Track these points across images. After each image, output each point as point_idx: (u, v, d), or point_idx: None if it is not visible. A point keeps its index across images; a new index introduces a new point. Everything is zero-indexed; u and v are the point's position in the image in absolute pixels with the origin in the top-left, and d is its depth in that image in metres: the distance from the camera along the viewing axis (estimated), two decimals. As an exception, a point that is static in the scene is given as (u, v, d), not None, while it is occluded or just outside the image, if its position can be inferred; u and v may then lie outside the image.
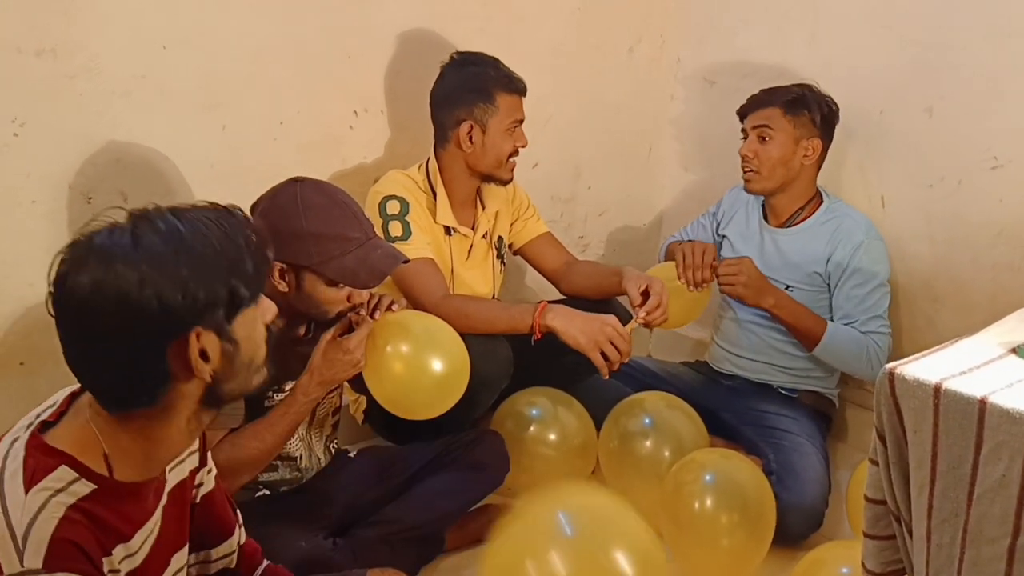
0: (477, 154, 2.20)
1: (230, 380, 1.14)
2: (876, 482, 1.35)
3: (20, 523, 1.01)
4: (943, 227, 2.41)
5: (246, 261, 1.11)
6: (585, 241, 3.00)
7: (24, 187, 1.91)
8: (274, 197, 1.70)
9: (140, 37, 1.99)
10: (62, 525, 1.02)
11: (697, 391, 2.47)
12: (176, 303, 1.04)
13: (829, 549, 1.84)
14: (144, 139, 2.04)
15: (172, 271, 1.04)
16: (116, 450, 1.10)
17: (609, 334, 2.00)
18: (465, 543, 2.08)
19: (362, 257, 1.70)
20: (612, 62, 2.87)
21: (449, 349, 1.80)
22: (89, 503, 1.06)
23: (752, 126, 2.35)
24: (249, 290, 1.12)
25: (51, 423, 1.12)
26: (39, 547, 1.00)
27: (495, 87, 2.16)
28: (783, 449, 2.23)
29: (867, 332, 2.28)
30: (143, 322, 1.03)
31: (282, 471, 1.85)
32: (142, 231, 1.06)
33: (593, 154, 2.94)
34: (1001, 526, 1.18)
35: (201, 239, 1.07)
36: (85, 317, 1.04)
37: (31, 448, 1.07)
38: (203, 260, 1.06)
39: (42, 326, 1.98)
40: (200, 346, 1.08)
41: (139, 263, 1.03)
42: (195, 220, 1.09)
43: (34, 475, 1.04)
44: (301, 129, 2.28)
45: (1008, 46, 2.21)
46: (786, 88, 2.35)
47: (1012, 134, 2.24)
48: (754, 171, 2.35)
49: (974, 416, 1.19)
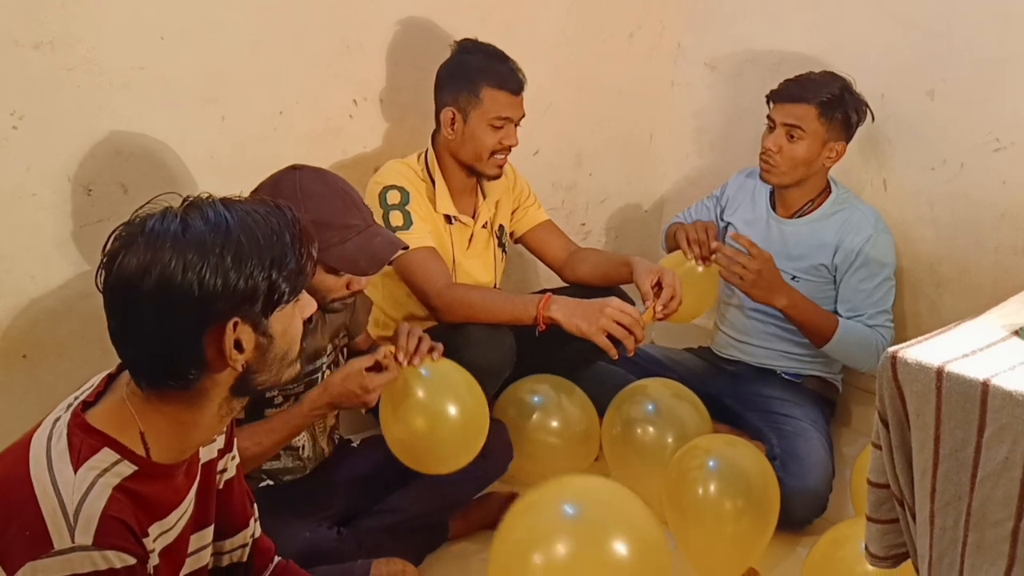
0: (457, 143, 2.18)
1: (262, 372, 1.17)
2: (879, 466, 1.35)
3: (71, 501, 1.04)
4: (946, 210, 2.41)
5: (289, 257, 1.13)
6: (587, 228, 3.00)
7: (24, 180, 1.91)
8: (274, 185, 1.70)
9: (138, 28, 1.98)
10: (111, 504, 1.06)
11: (700, 377, 2.47)
12: (216, 291, 1.07)
13: (851, 525, 1.79)
14: (144, 131, 2.04)
15: (215, 260, 1.07)
16: (151, 431, 1.13)
17: (611, 315, 1.98)
18: (469, 531, 2.09)
19: (362, 244, 1.70)
20: (612, 49, 2.86)
21: (469, 412, 1.80)
22: (132, 483, 1.10)
23: (783, 122, 2.27)
24: (289, 286, 1.14)
25: (90, 403, 1.15)
26: (89, 524, 1.03)
27: (483, 80, 2.13)
28: (786, 434, 2.24)
29: (874, 326, 2.28)
30: (183, 306, 1.07)
31: (284, 460, 1.86)
32: (192, 218, 1.10)
33: (594, 141, 2.93)
34: (1004, 509, 1.18)
35: (247, 231, 1.10)
36: (129, 295, 1.08)
37: (74, 427, 1.10)
38: (246, 252, 1.09)
39: (45, 319, 2.00)
40: (236, 336, 1.11)
41: (185, 249, 1.07)
42: (243, 212, 1.12)
43: (80, 454, 1.08)
44: (301, 119, 2.27)
45: (1010, 28, 2.20)
46: (824, 83, 2.27)
47: (1014, 116, 2.23)
48: (774, 165, 2.31)
49: (977, 399, 1.19)
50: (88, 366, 2.02)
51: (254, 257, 1.10)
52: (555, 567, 1.40)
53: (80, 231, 1.99)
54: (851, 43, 2.51)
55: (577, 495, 1.50)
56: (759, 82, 2.47)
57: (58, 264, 1.98)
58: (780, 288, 2.25)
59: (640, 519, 1.46)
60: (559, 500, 1.48)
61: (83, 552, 1.02)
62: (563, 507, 1.46)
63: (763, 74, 2.59)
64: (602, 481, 1.66)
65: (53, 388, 1.98)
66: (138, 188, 2.04)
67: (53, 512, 1.03)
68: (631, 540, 1.41)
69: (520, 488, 2.20)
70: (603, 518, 1.45)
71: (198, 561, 1.29)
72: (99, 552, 1.03)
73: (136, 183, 2.04)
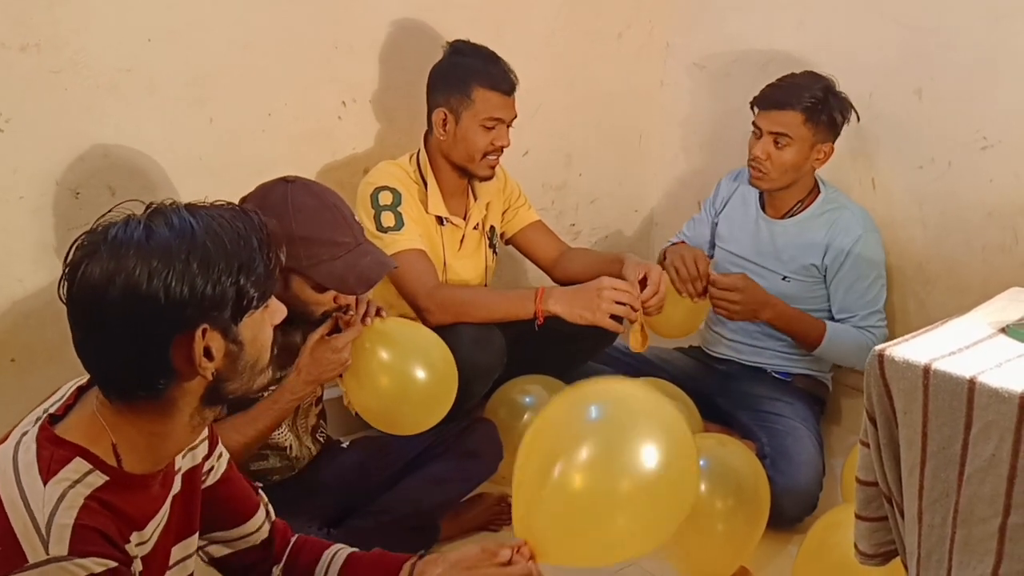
0: (449, 143, 2.18)
1: (233, 380, 1.15)
2: (867, 464, 1.36)
3: (42, 514, 1.02)
4: (934, 209, 2.42)
5: (257, 262, 1.11)
6: (577, 229, 3.00)
7: (11, 183, 1.91)
8: (263, 197, 1.68)
9: (125, 30, 1.97)
10: (83, 513, 1.04)
11: (691, 376, 2.48)
12: (183, 298, 1.05)
13: (843, 510, 1.77)
14: (131, 133, 2.03)
15: (181, 266, 1.05)
16: (123, 442, 1.11)
17: (608, 296, 1.99)
18: (460, 532, 2.08)
19: (351, 263, 1.69)
20: (601, 49, 2.87)
21: (436, 361, 1.80)
22: (104, 493, 1.08)
23: (769, 130, 2.26)
24: (258, 291, 1.12)
25: (59, 416, 1.13)
26: (63, 534, 1.02)
27: (475, 81, 2.13)
28: (777, 433, 2.24)
29: (866, 327, 2.29)
30: (149, 314, 1.05)
31: (272, 460, 1.85)
32: (156, 225, 1.07)
33: (584, 141, 2.93)
34: (991, 505, 1.19)
35: (213, 236, 1.08)
36: (94, 305, 1.06)
37: (42, 440, 1.08)
38: (213, 257, 1.07)
39: (33, 322, 1.99)
40: (205, 344, 1.09)
41: (149, 256, 1.05)
42: (209, 217, 1.10)
43: (50, 467, 1.06)
44: (290, 121, 2.27)
45: (997, 27, 2.21)
46: (806, 86, 2.25)
47: (1002, 114, 2.24)
48: (764, 172, 2.30)
49: (963, 396, 1.19)
50: (76, 370, 2.00)
51: (221, 262, 1.07)
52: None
53: (68, 234, 1.98)
54: (839, 42, 2.51)
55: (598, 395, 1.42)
56: (748, 81, 2.47)
57: (46, 267, 1.98)
58: (762, 304, 2.27)
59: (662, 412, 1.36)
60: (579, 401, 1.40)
61: (59, 563, 1.00)
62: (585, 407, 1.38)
63: (752, 73, 2.59)
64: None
65: (41, 392, 1.95)
66: (126, 191, 2.03)
67: (24, 527, 1.01)
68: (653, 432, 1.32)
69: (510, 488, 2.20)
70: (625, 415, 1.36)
71: (183, 571, 1.28)
72: (76, 560, 1.01)
73: (124, 186, 2.03)
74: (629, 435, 1.31)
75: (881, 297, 2.33)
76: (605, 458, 1.30)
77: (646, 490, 1.28)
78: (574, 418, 1.37)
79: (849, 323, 2.32)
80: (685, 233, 2.63)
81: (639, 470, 1.28)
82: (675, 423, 1.35)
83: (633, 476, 1.28)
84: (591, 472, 1.29)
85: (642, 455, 1.29)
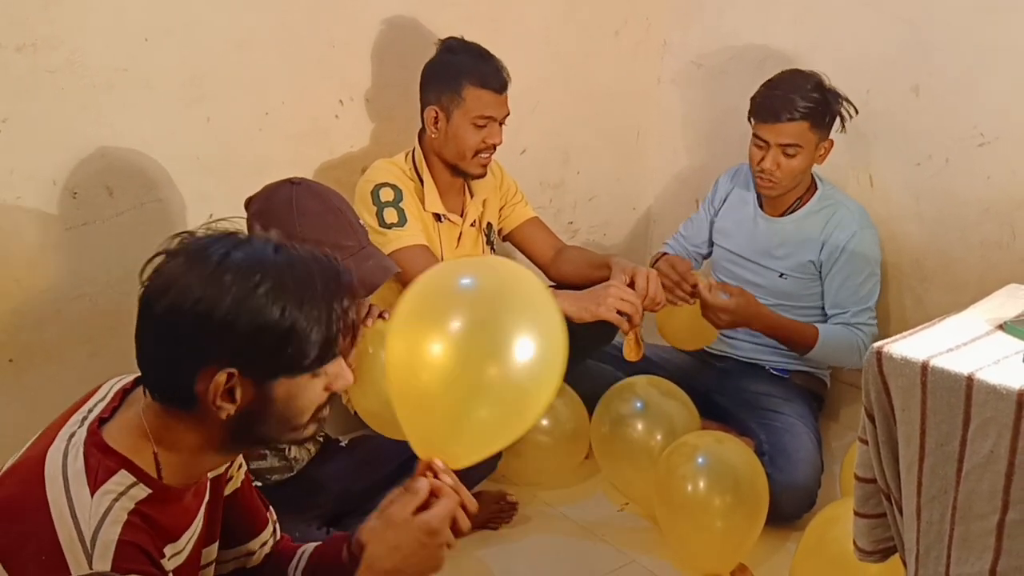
0: (441, 141, 2.18)
1: (259, 425, 1.11)
2: (865, 461, 1.36)
3: (88, 526, 1.02)
4: (931, 205, 2.42)
5: (315, 328, 1.07)
6: (575, 226, 3.00)
7: (8, 183, 1.90)
8: (268, 198, 1.68)
9: (122, 30, 1.97)
10: (126, 529, 1.04)
11: (688, 374, 2.48)
12: (217, 334, 1.03)
13: (842, 504, 1.78)
14: (128, 133, 2.03)
15: (231, 302, 1.03)
16: (164, 451, 1.11)
17: (614, 293, 2.03)
18: (459, 530, 2.08)
19: (354, 267, 1.68)
20: (598, 46, 2.87)
21: None
22: (145, 507, 1.08)
23: (777, 142, 2.24)
24: (309, 358, 1.08)
25: (106, 418, 1.13)
26: (107, 550, 1.02)
27: (466, 79, 2.12)
28: (775, 430, 2.24)
29: (857, 324, 2.29)
30: (184, 334, 1.05)
31: (271, 460, 1.85)
32: (237, 252, 1.06)
33: (581, 139, 2.93)
34: (990, 502, 1.19)
35: (280, 281, 1.05)
36: (146, 305, 1.07)
37: (90, 447, 1.08)
38: (266, 305, 1.04)
39: (31, 323, 1.99)
40: (230, 385, 1.06)
41: (207, 282, 1.03)
42: (296, 258, 1.07)
43: (97, 476, 1.06)
44: (287, 119, 2.26)
45: (994, 23, 2.21)
46: (800, 90, 2.22)
47: (998, 111, 2.24)
48: (776, 182, 2.29)
49: (962, 393, 1.19)
50: (75, 369, 2.02)
51: (275, 312, 1.04)
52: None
53: (65, 234, 1.98)
54: (836, 39, 2.51)
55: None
56: (745, 78, 2.47)
57: (43, 267, 1.98)
58: (753, 318, 2.26)
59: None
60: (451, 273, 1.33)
61: None
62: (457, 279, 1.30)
63: (749, 70, 2.59)
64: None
65: (40, 392, 1.97)
66: (123, 191, 2.03)
67: (70, 539, 1.01)
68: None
69: (509, 487, 2.22)
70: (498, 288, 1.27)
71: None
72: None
73: (121, 186, 2.03)
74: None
75: (874, 294, 2.33)
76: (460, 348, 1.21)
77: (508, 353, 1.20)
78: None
79: (840, 319, 2.32)
80: (682, 233, 2.64)
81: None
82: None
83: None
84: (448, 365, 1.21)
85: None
